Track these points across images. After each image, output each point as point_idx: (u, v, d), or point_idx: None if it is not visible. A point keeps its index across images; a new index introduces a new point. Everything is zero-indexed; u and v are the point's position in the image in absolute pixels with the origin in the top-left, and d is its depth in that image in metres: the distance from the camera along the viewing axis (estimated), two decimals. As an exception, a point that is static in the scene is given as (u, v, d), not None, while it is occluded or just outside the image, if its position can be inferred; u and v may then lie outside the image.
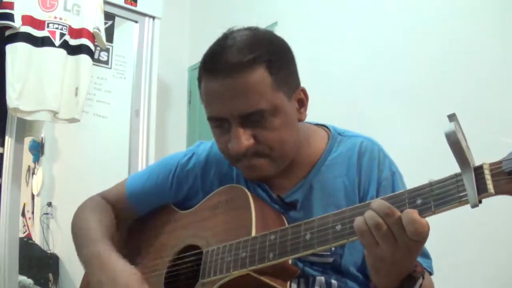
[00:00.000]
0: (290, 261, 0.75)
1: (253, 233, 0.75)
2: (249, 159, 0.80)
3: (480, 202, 0.53)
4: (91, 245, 0.87)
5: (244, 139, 0.77)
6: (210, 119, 0.82)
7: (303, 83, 0.86)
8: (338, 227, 0.64)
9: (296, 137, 0.84)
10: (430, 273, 0.80)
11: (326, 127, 0.93)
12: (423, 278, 0.65)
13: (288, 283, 0.76)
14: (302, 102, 0.85)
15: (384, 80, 1.94)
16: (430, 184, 0.57)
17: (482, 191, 0.52)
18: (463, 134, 0.53)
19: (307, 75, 0.90)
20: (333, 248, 0.78)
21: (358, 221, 0.61)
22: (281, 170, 0.84)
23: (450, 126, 0.51)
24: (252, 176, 0.85)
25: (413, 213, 0.57)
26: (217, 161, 0.93)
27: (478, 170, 0.53)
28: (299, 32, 2.31)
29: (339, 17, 2.19)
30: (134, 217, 1.01)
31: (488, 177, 0.52)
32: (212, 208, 0.86)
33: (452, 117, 0.52)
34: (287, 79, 0.81)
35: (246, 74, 0.76)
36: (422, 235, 0.57)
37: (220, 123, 0.80)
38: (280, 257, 0.70)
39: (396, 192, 0.62)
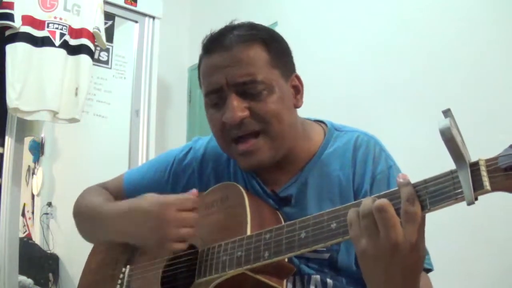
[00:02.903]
0: (286, 259, 0.74)
1: (248, 232, 0.74)
2: (245, 141, 0.79)
3: (476, 199, 0.52)
4: (107, 212, 0.88)
5: (239, 109, 0.77)
6: (207, 95, 0.82)
7: (304, 83, 0.86)
8: (333, 225, 0.63)
9: (294, 122, 0.83)
10: (430, 269, 0.79)
11: (324, 123, 0.92)
12: None
13: (285, 281, 0.75)
14: (298, 89, 0.85)
15: (383, 78, 1.93)
16: (425, 181, 0.56)
17: (478, 187, 0.51)
18: (458, 129, 0.52)
19: (307, 74, 0.90)
20: None
21: (352, 211, 0.60)
22: (277, 162, 0.82)
23: (444, 122, 0.50)
24: (248, 163, 0.81)
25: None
26: (215, 157, 0.93)
27: (474, 167, 0.52)
28: (299, 32, 2.30)
29: (339, 16, 2.18)
30: None
31: (484, 173, 0.51)
32: (207, 206, 0.85)
33: (447, 113, 0.51)
34: (283, 61, 0.82)
35: (243, 47, 0.78)
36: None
37: (216, 98, 0.80)
38: (275, 256, 0.69)
39: (391, 189, 0.60)
